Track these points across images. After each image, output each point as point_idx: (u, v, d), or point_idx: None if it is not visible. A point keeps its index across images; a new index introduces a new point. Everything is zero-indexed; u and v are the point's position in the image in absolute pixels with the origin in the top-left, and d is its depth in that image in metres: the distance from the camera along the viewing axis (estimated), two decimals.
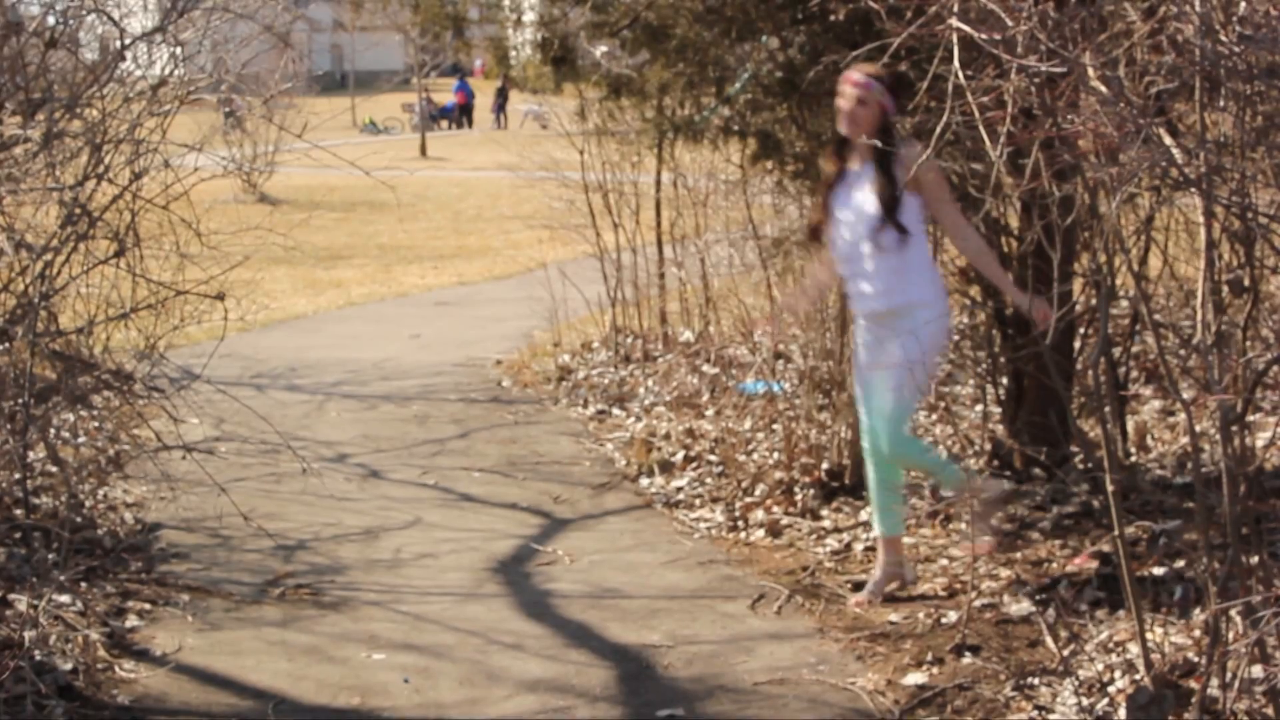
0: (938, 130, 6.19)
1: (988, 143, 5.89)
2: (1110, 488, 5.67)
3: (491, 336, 16.28)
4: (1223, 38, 5.00)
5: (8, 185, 7.13)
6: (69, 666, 6.56)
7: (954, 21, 5.65)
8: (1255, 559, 5.45)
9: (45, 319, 8.12)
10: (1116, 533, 5.73)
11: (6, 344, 7.78)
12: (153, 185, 8.17)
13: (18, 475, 8.13)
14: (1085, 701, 5.94)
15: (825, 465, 9.29)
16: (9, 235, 7.31)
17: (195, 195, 8.29)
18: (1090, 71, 5.23)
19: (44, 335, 7.98)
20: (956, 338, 11.46)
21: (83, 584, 7.56)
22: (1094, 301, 8.61)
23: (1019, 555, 7.86)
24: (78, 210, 7.63)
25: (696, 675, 6.74)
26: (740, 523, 8.94)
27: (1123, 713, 5.56)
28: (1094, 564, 7.51)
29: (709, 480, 9.81)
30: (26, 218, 8.11)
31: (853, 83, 7.19)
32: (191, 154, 8.45)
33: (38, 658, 6.36)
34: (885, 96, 7.19)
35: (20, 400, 7.52)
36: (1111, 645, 6.52)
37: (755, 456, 9.95)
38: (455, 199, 32.84)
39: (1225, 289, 6.30)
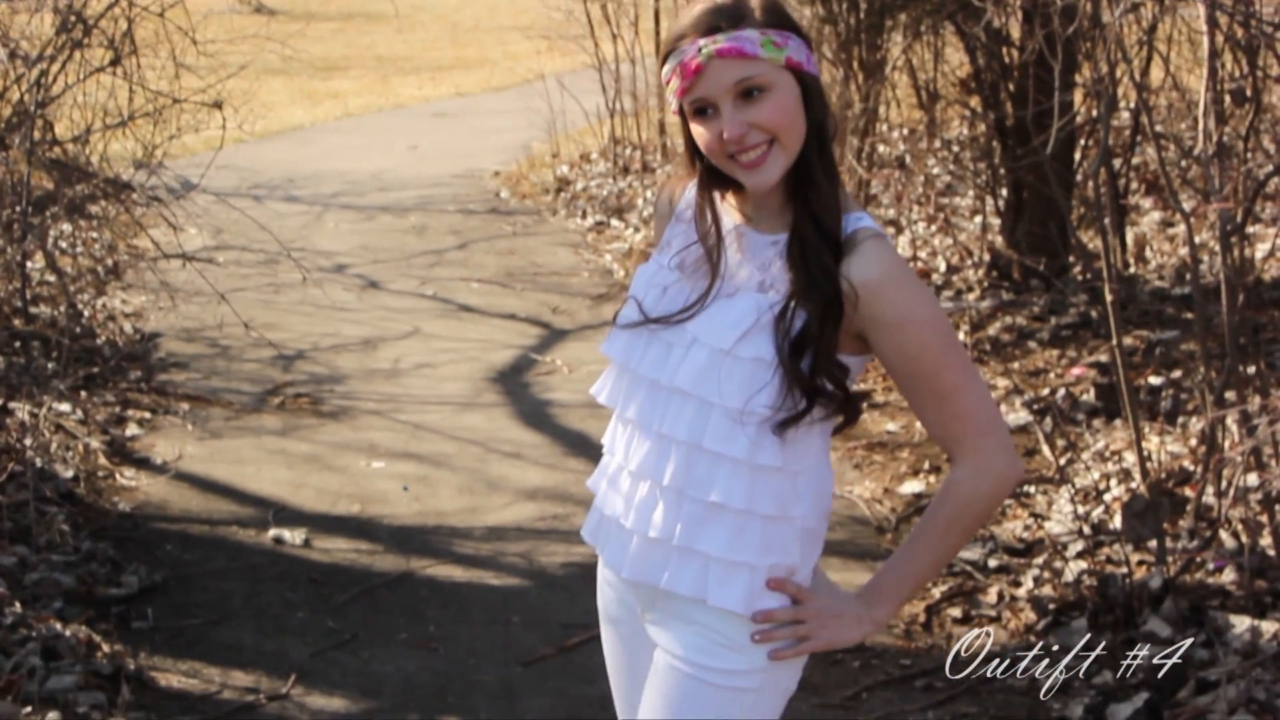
0: None
1: None
2: (1109, 298, 5.68)
3: (490, 148, 16.19)
4: None
5: None
6: (70, 474, 6.61)
7: None
8: (1252, 368, 5.47)
9: (41, 128, 8.08)
10: (1114, 343, 5.75)
11: (3, 153, 7.74)
12: None
13: (16, 284, 8.14)
14: (1081, 509, 5.99)
15: None
16: (3, 43, 7.25)
17: (191, 3, 8.20)
18: None
19: (40, 144, 7.94)
20: (957, 149, 11.42)
21: (82, 392, 7.60)
22: (1095, 112, 8.56)
23: (1016, 365, 7.88)
24: (73, 18, 7.57)
25: None
26: None
27: (1118, 520, 5.61)
28: (1091, 373, 7.54)
29: None
30: (21, 25, 8.04)
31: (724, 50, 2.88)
32: None
33: (39, 465, 6.40)
34: (807, 57, 2.84)
35: (18, 209, 7.50)
36: (1108, 454, 6.57)
37: None
38: (453, 9, 32.50)
39: (1227, 99, 6.25)
